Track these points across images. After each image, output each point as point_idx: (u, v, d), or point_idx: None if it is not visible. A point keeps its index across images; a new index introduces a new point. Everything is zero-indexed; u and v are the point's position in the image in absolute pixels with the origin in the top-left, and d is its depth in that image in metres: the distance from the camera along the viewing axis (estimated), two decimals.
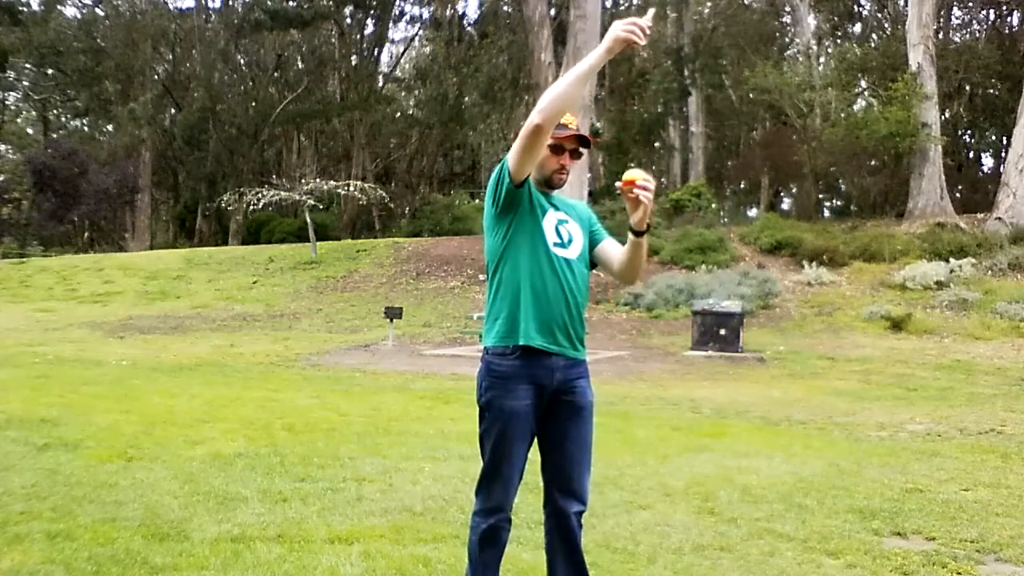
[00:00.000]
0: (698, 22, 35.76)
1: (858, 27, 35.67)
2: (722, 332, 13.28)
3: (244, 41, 39.46)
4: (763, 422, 7.59)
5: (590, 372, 2.70)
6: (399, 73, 44.87)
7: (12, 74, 40.82)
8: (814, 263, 19.03)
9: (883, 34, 32.31)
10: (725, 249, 20.49)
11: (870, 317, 15.71)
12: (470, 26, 38.94)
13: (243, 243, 32.84)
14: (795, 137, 28.66)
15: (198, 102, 37.90)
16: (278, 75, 41.28)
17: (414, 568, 3.33)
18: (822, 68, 28.98)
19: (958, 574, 3.46)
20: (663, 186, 34.28)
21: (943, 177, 22.65)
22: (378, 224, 36.35)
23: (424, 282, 20.64)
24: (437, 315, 17.42)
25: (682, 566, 3.47)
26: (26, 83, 42.60)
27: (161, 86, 39.77)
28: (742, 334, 13.49)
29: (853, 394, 9.57)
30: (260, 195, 25.75)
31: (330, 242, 27.42)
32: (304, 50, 41.61)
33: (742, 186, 40.75)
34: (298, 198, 25.46)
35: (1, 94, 44.17)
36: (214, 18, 40.63)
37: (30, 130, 47.54)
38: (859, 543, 3.82)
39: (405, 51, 44.71)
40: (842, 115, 25.18)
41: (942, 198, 22.26)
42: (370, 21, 40.36)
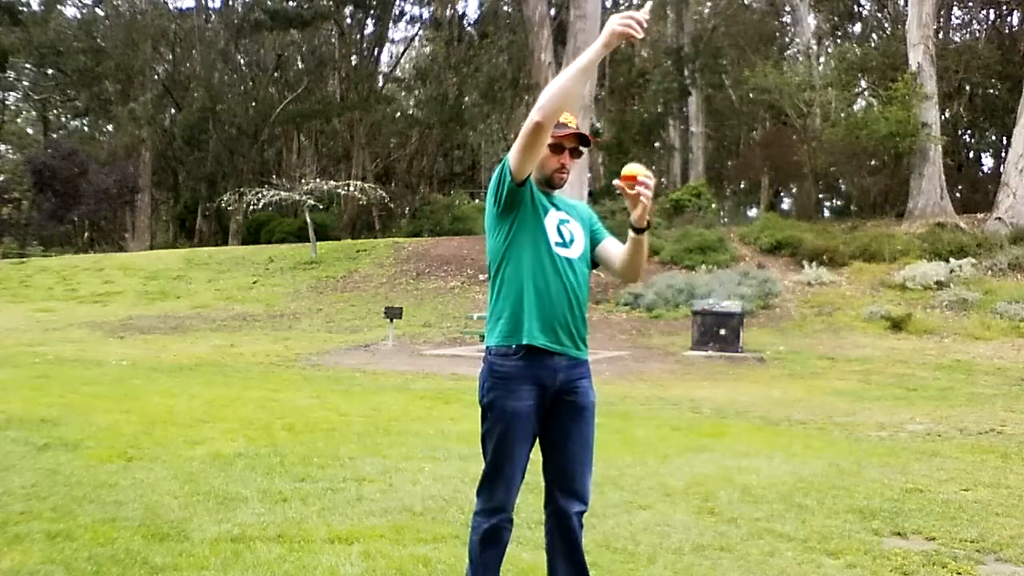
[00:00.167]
0: (698, 22, 35.76)
1: (858, 27, 35.68)
2: (722, 332, 13.28)
3: (244, 41, 39.45)
4: (763, 422, 7.59)
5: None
6: (399, 73, 44.88)
7: (12, 74, 40.81)
8: (814, 263, 19.02)
9: (883, 34, 32.31)
10: (725, 249, 20.49)
11: (870, 317, 15.71)
12: (470, 26, 38.94)
13: (243, 243, 32.83)
14: (795, 137, 28.65)
15: (198, 102, 37.89)
16: (278, 75, 41.27)
17: (414, 568, 3.33)
18: (822, 68, 28.97)
19: (958, 574, 3.46)
20: (663, 186, 34.26)
21: (943, 177, 22.64)
22: (378, 224, 36.34)
23: (424, 282, 20.64)
24: (437, 315, 17.42)
25: (682, 566, 3.47)
26: (26, 83, 42.60)
27: (161, 86, 39.76)
28: (742, 334, 13.49)
29: (853, 394, 9.57)
30: (260, 195, 25.74)
31: (330, 242, 27.41)
32: (304, 50, 41.60)
33: (742, 186, 40.75)
34: (298, 198, 25.46)
35: (1, 94, 44.17)
36: (214, 18, 40.63)
37: (30, 130, 47.53)
38: (859, 543, 3.82)
39: (405, 51, 44.76)
40: (842, 115, 25.17)
41: (942, 198, 22.26)
42: (370, 21, 40.38)
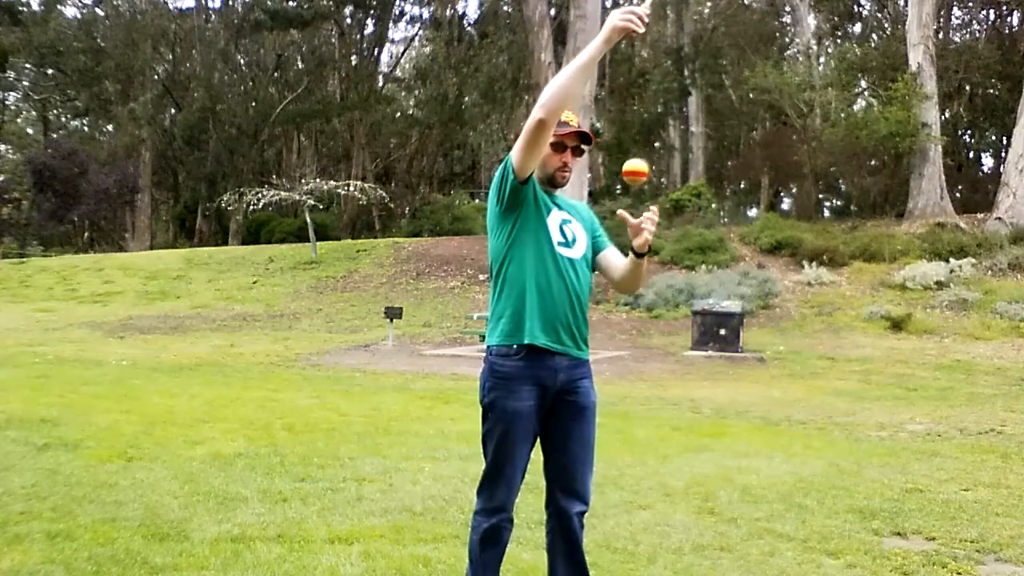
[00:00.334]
0: (698, 22, 35.76)
1: (858, 27, 35.67)
2: (722, 332, 13.28)
3: (244, 41, 39.45)
4: (763, 422, 7.59)
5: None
6: (399, 73, 44.87)
7: (12, 74, 40.79)
8: (814, 263, 19.02)
9: (883, 34, 32.30)
10: (725, 249, 20.49)
11: (870, 317, 15.71)
12: (470, 26, 38.94)
13: (243, 243, 32.82)
14: (795, 137, 28.64)
15: (198, 102, 37.89)
16: (278, 75, 41.27)
17: (414, 568, 3.33)
18: (822, 68, 28.96)
19: (958, 574, 3.46)
20: (663, 186, 34.26)
21: (943, 177, 22.64)
22: (378, 224, 36.34)
23: (424, 282, 20.64)
24: (437, 315, 17.42)
25: (682, 566, 3.47)
26: (26, 83, 42.58)
27: (161, 86, 39.75)
28: (742, 334, 13.49)
29: (853, 394, 9.57)
30: (260, 195, 25.74)
31: (330, 242, 27.41)
32: (304, 50, 41.59)
33: (742, 186, 40.73)
34: (298, 198, 25.45)
35: (1, 94, 44.16)
36: (214, 18, 40.63)
37: (30, 130, 47.52)
38: (859, 543, 3.82)
39: (405, 51, 44.74)
40: (842, 115, 25.16)
41: (942, 198, 22.26)
42: (370, 21, 40.36)
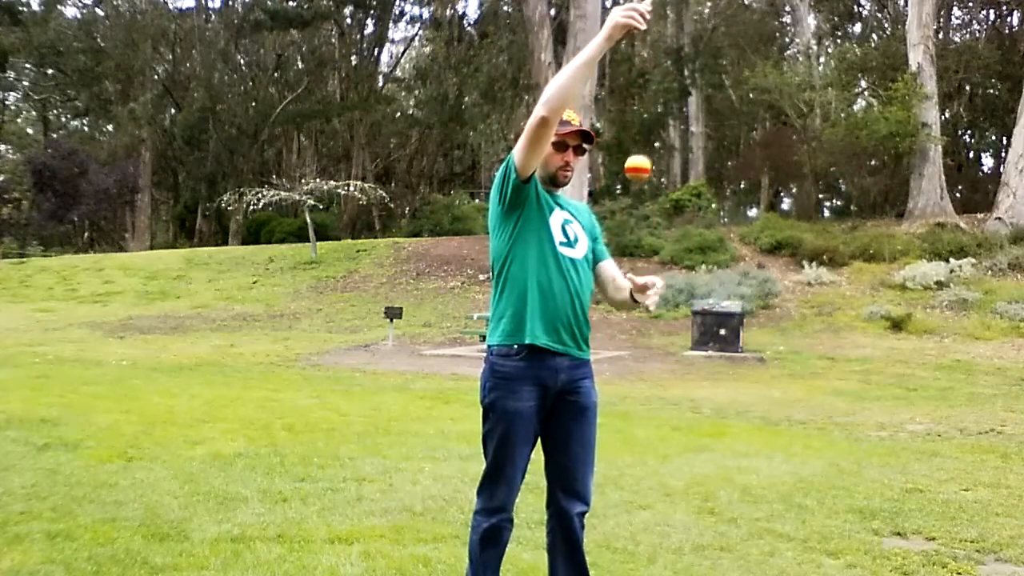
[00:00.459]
0: (698, 22, 35.75)
1: (858, 27, 35.67)
2: (722, 332, 13.28)
3: (244, 41, 39.44)
4: (763, 422, 7.59)
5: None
6: (399, 73, 44.88)
7: (12, 74, 40.77)
8: (814, 263, 19.02)
9: (883, 34, 32.30)
10: (725, 249, 20.49)
11: (870, 317, 15.71)
12: (470, 26, 38.94)
13: (243, 243, 32.82)
14: (795, 137, 28.64)
15: (198, 102, 37.89)
16: (278, 75, 41.27)
17: (414, 568, 3.33)
18: (822, 68, 28.96)
19: (958, 574, 3.46)
20: (663, 186, 34.26)
21: (943, 177, 22.64)
22: (378, 224, 36.35)
23: (424, 282, 20.64)
24: (437, 315, 17.42)
25: (682, 566, 3.47)
26: (26, 83, 42.56)
27: (161, 86, 39.75)
28: (742, 334, 13.49)
29: (853, 394, 9.57)
30: (260, 195, 25.73)
31: (330, 242, 27.40)
32: (304, 50, 41.59)
33: (742, 186, 40.73)
34: (298, 198, 25.45)
35: (1, 94, 44.15)
36: (214, 18, 40.63)
37: (30, 130, 47.51)
38: (859, 543, 3.82)
39: (405, 51, 44.74)
40: (842, 115, 25.16)
41: (942, 198, 22.26)
42: (370, 21, 40.36)
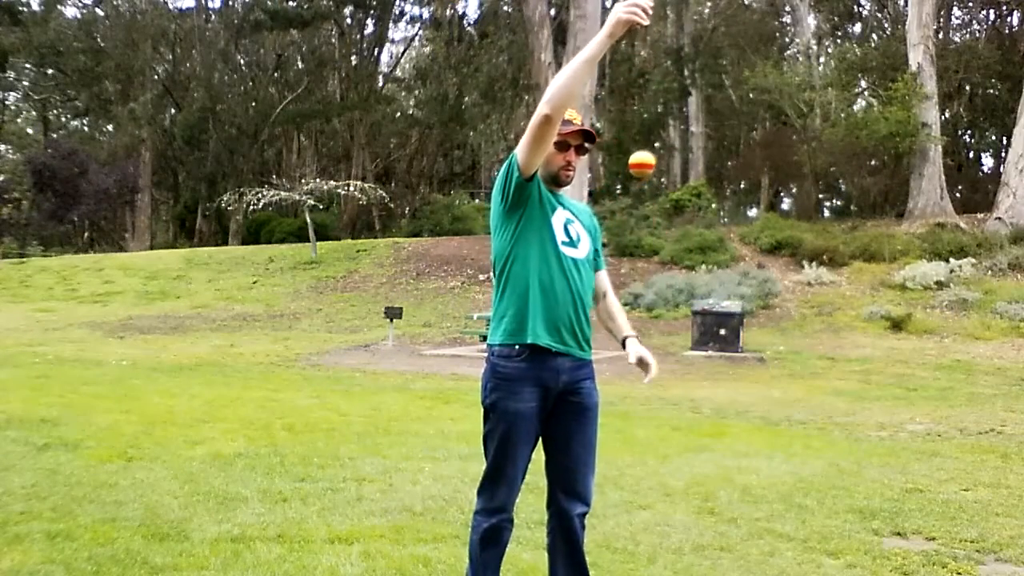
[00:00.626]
0: (698, 22, 35.76)
1: (858, 27, 35.68)
2: (722, 332, 13.28)
3: (244, 41, 39.45)
4: (763, 422, 7.59)
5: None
6: (399, 73, 44.89)
7: (12, 74, 40.78)
8: (814, 263, 19.02)
9: (883, 34, 32.30)
10: (725, 249, 20.49)
11: (870, 317, 15.71)
12: (470, 26, 38.95)
13: (243, 243, 32.82)
14: (795, 137, 28.65)
15: (198, 102, 37.89)
16: (278, 75, 41.28)
17: (414, 568, 3.32)
18: (822, 68, 28.96)
19: (958, 574, 3.46)
20: (663, 186, 34.26)
21: (943, 177, 22.64)
22: (378, 224, 36.35)
23: (424, 282, 20.64)
24: (437, 315, 17.42)
25: (682, 566, 3.47)
26: (26, 83, 42.57)
27: (161, 86, 39.76)
28: (742, 334, 13.49)
29: (853, 394, 9.57)
30: (260, 195, 25.73)
31: (330, 242, 27.41)
32: (304, 50, 41.60)
33: (742, 186, 40.74)
34: (298, 198, 25.45)
35: (1, 94, 44.15)
36: (214, 18, 40.64)
37: (30, 130, 47.51)
38: (859, 543, 3.82)
39: (405, 51, 44.76)
40: (842, 115, 25.16)
41: (942, 198, 22.26)
42: (370, 21, 40.37)
